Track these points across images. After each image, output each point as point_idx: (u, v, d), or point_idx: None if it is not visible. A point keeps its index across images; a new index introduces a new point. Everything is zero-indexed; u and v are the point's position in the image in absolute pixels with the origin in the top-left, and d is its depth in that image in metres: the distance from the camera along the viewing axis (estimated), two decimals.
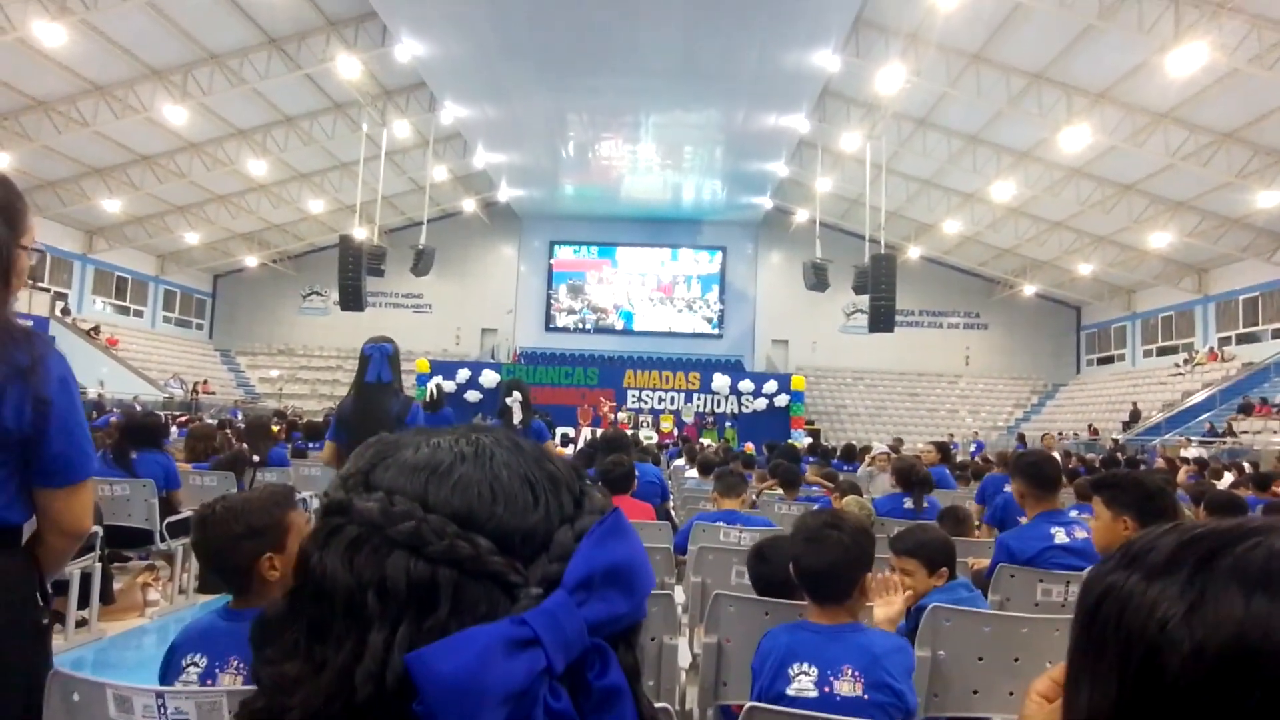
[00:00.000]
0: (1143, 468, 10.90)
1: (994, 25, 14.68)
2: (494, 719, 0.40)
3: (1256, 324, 21.19)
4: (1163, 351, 24.52)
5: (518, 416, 5.66)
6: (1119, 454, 13.93)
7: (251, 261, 28.12)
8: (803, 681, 1.71)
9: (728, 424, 22.06)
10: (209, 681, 1.54)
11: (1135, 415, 21.72)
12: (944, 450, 7.62)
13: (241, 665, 1.54)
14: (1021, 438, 20.25)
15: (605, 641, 0.47)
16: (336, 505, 0.49)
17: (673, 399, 23.25)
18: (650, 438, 18.56)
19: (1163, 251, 21.14)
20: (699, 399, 23.22)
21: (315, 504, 7.08)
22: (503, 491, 0.49)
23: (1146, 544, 0.55)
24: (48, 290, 22.26)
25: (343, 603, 0.45)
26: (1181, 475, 9.16)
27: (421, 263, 21.77)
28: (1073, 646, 0.56)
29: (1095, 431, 21.74)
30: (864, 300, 19.29)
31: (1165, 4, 12.56)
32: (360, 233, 20.40)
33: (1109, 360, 27.18)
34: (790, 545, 1.95)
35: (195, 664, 1.57)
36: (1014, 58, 15.52)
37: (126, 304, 26.46)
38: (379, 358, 3.78)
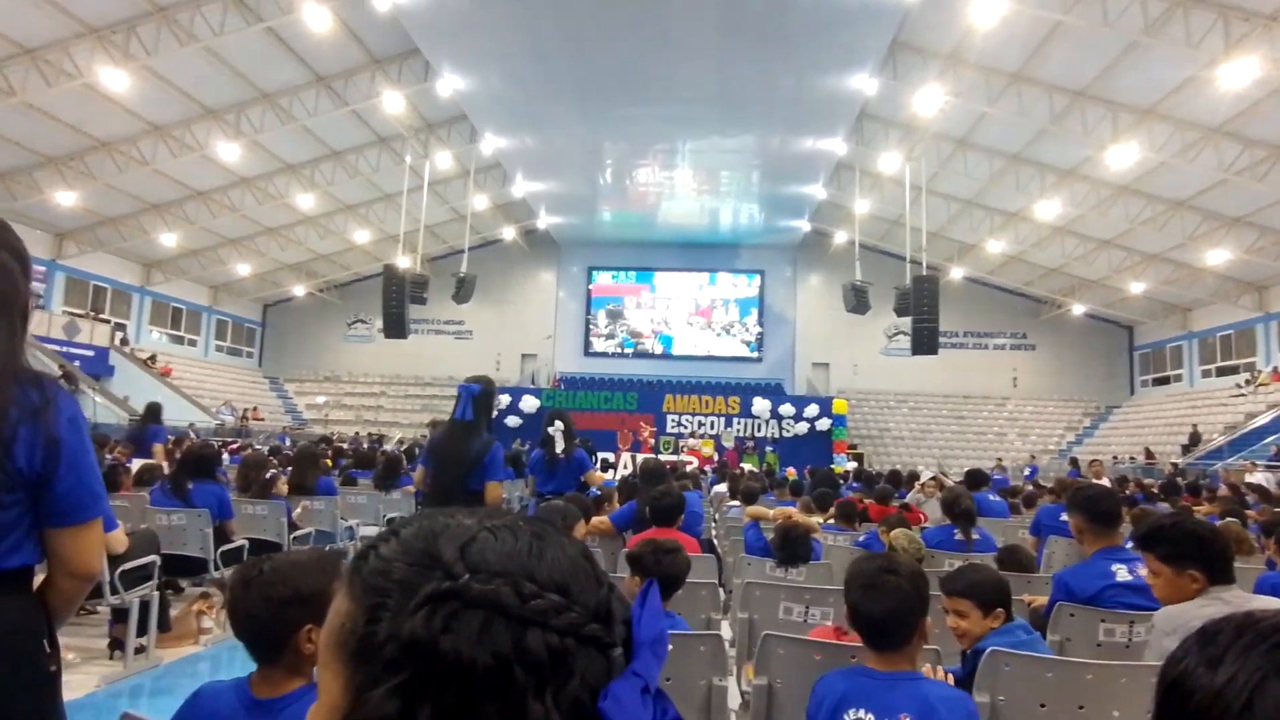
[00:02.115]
0: (1204, 494, 10.47)
1: (1034, 44, 14.51)
2: None
3: None
4: (1222, 371, 23.63)
5: (560, 445, 5.68)
6: (1179, 479, 13.40)
7: (299, 291, 28.94)
8: None
9: (768, 448, 21.86)
10: None
11: (1195, 438, 20.92)
12: (976, 479, 7.39)
13: None
14: (1074, 462, 19.65)
15: None
16: (447, 592, 0.50)
17: (712, 423, 23.15)
18: (690, 462, 18.47)
19: (1219, 268, 20.47)
20: (739, 423, 23.07)
21: (363, 531, 7.18)
22: (580, 570, 0.55)
23: (1212, 631, 0.56)
24: (108, 321, 23.18)
25: (486, 682, 0.47)
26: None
27: (463, 290, 22.15)
28: None
29: (1152, 455, 20.97)
30: (906, 322, 19.03)
31: (1214, 18, 12.29)
32: (403, 262, 20.86)
33: (1165, 381, 26.28)
34: (846, 591, 1.91)
35: None
36: (1056, 76, 15.31)
37: (181, 333, 27.40)
38: (465, 397, 4.00)
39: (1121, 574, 2.86)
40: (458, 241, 24.90)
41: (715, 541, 5.53)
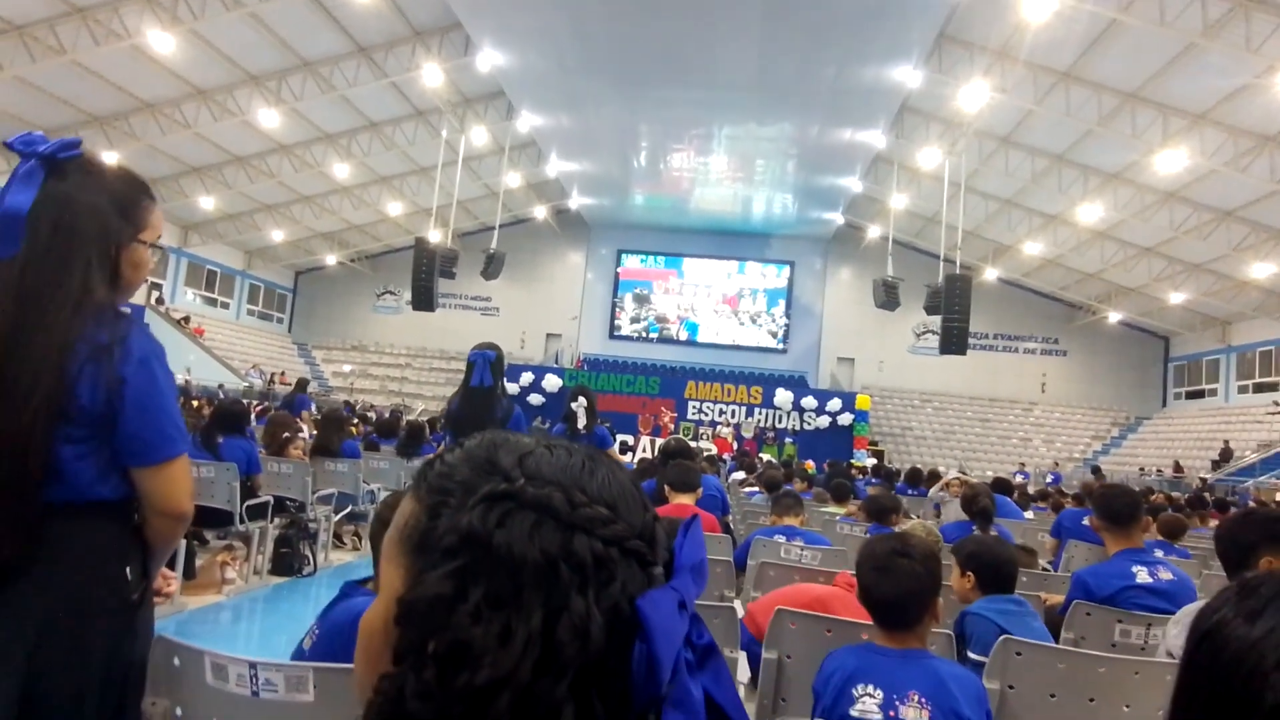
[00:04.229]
0: (1233, 510, 10.27)
1: (1086, 42, 14.16)
2: (678, 656, 0.52)
3: None
4: (1260, 388, 23.03)
5: (582, 421, 5.70)
6: (1206, 494, 13.14)
7: (331, 260, 29.28)
8: (866, 703, 1.68)
9: (788, 440, 21.79)
10: None
11: (1226, 454, 20.50)
12: (1002, 486, 7.40)
13: None
14: (1096, 470, 19.34)
15: None
16: (503, 493, 0.54)
17: (733, 412, 23.10)
18: (709, 449, 18.48)
19: (1264, 282, 19.91)
20: (760, 413, 23.00)
21: (384, 495, 7.31)
22: (628, 492, 0.59)
23: (1253, 584, 0.55)
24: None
25: (533, 575, 0.51)
26: None
27: (492, 267, 22.26)
28: (1176, 681, 0.57)
29: (1180, 469, 20.59)
30: (935, 321, 18.81)
31: (1276, 22, 11.90)
32: (435, 236, 20.99)
33: (1199, 395, 25.71)
34: (858, 573, 1.92)
35: None
36: (1107, 76, 14.93)
37: (215, 296, 27.89)
38: (482, 364, 4.05)
39: (1142, 576, 2.83)
40: (489, 218, 24.99)
41: (731, 524, 5.55)
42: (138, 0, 14.53)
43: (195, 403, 14.04)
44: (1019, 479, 18.02)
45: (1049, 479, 18.46)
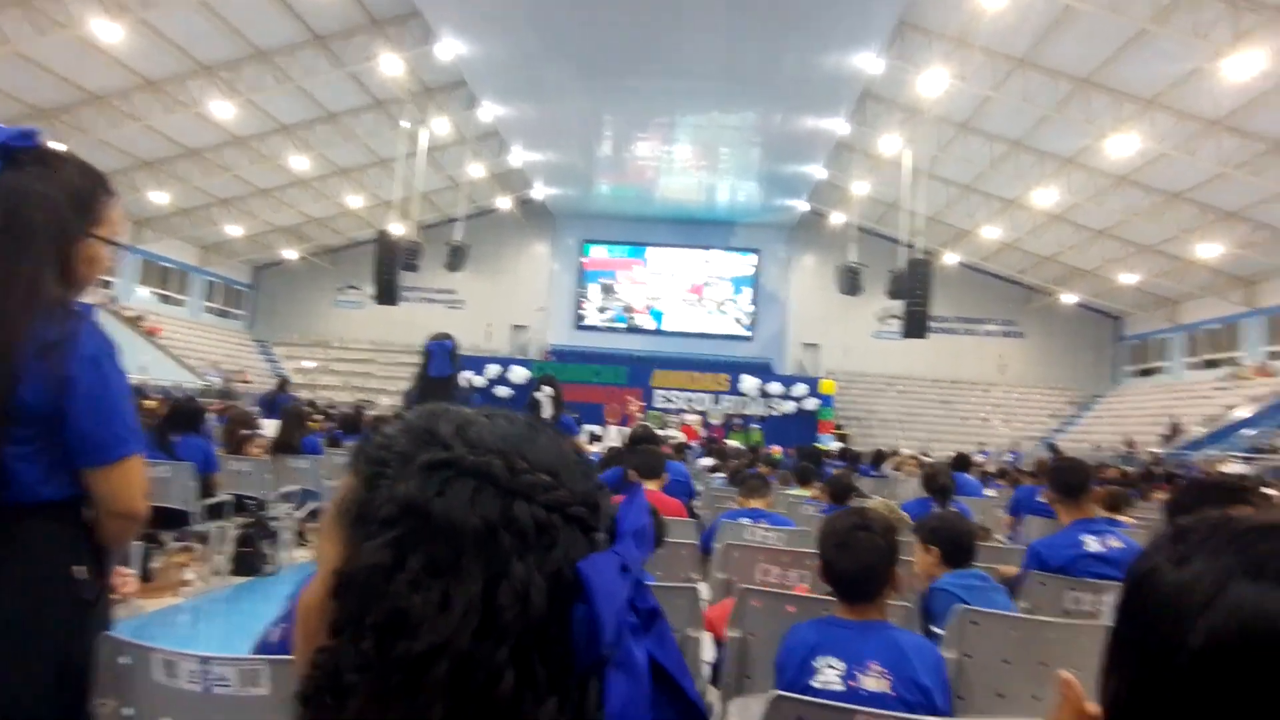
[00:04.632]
0: (1178, 482, 10.61)
1: (1041, 28, 14.42)
2: (621, 618, 0.51)
3: None
4: (1208, 365, 23.85)
5: (547, 410, 5.70)
6: (1155, 468, 13.59)
7: (291, 254, 28.69)
8: (828, 674, 1.71)
9: (754, 425, 21.97)
10: None
11: (1175, 429, 21.18)
12: (961, 462, 7.58)
13: None
14: (1053, 448, 19.86)
15: None
16: (442, 461, 0.54)
17: (701, 400, 23.22)
18: (678, 438, 18.54)
19: (1211, 262, 20.57)
20: (727, 400, 23.15)
21: None
22: (570, 460, 0.58)
23: (1184, 530, 0.56)
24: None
25: (473, 541, 0.51)
26: None
27: (456, 259, 22.02)
28: (1111, 632, 0.58)
29: (1133, 444, 21.23)
30: (898, 305, 19.06)
31: (1223, 8, 12.23)
32: (397, 228, 20.66)
33: (1150, 372, 26.52)
34: (820, 549, 1.95)
35: None
36: (1061, 62, 15.23)
37: (170, 293, 27.15)
38: (440, 354, 4.04)
39: (1091, 544, 2.92)
40: (452, 209, 24.70)
41: (697, 508, 5.59)
42: None
43: (150, 402, 13.68)
44: (980, 458, 18.46)
45: (1009, 458, 18.90)
